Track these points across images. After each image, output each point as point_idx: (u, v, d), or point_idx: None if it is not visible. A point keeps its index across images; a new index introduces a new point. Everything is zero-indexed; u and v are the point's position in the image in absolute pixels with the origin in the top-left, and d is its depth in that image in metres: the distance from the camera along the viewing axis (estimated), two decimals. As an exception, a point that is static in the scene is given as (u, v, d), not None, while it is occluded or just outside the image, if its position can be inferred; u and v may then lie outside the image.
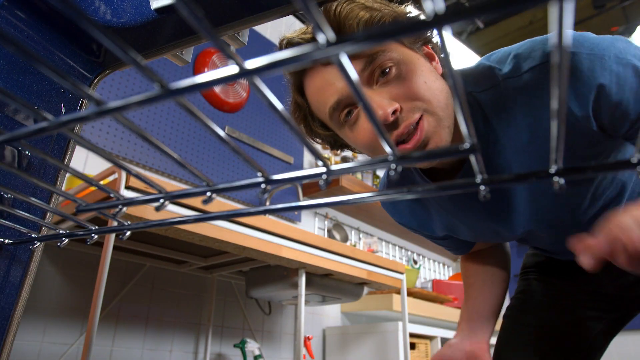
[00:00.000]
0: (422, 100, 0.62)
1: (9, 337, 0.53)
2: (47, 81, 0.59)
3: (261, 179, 0.28)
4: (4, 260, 0.53)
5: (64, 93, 0.61)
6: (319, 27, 0.16)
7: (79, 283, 1.63)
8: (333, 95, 0.65)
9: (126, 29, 0.57)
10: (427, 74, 0.65)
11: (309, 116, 0.74)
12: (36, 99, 0.57)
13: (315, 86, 0.68)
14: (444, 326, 2.86)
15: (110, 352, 1.67)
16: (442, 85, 0.67)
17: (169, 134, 2.06)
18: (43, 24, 0.58)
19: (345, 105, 0.66)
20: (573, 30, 0.63)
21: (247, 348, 1.94)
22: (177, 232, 1.27)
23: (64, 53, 0.61)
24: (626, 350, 3.19)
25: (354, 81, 0.18)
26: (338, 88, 0.65)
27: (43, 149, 0.58)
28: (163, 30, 0.57)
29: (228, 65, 2.23)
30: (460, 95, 0.20)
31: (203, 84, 0.18)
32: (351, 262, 1.86)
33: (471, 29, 3.97)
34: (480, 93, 0.69)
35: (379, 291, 2.50)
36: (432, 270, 3.71)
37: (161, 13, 0.54)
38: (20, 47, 0.17)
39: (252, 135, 2.45)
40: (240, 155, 0.25)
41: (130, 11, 0.57)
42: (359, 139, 0.68)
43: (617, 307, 0.92)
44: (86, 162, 1.76)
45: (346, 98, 0.65)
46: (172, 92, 0.18)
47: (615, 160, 0.23)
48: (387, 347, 2.27)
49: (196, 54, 2.28)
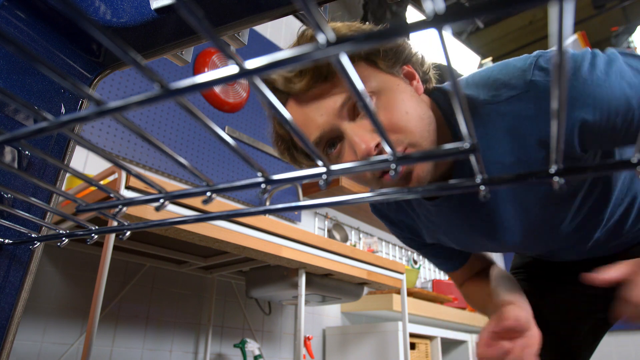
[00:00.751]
0: (405, 133, 0.62)
1: (9, 337, 0.53)
2: (47, 81, 0.59)
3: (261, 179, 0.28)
4: (4, 260, 0.53)
5: (64, 93, 0.61)
6: (319, 27, 0.16)
7: (79, 283, 1.63)
8: (316, 130, 0.65)
9: (126, 29, 0.57)
10: (408, 102, 0.64)
11: (292, 147, 0.75)
12: (36, 99, 0.57)
13: (296, 121, 0.67)
14: (444, 326, 2.86)
15: (110, 352, 1.67)
16: (424, 110, 0.66)
17: (169, 133, 2.06)
18: (43, 24, 0.58)
19: (327, 139, 0.66)
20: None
21: (247, 348, 1.94)
22: (177, 232, 1.27)
23: (64, 53, 0.61)
24: (626, 350, 3.19)
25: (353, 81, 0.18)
26: (319, 124, 0.64)
27: (43, 149, 0.58)
28: (163, 30, 0.57)
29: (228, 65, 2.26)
30: (460, 97, 0.20)
31: (203, 84, 0.18)
32: (351, 262, 1.86)
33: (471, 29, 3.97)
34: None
35: (379, 291, 2.50)
36: (432, 270, 3.71)
37: (161, 13, 0.54)
38: (20, 46, 0.17)
39: (252, 135, 2.45)
40: (239, 155, 0.25)
41: (130, 11, 0.57)
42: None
43: (604, 306, 0.92)
44: (86, 162, 1.76)
45: (328, 133, 0.65)
46: (172, 92, 0.18)
47: (616, 161, 0.23)
48: (387, 347, 2.27)
49: (196, 54, 2.28)
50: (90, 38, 0.61)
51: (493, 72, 0.66)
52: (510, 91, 0.63)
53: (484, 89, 0.66)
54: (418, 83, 0.69)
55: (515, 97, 0.62)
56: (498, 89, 0.64)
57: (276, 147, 0.77)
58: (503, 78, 0.64)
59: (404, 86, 0.66)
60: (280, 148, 0.76)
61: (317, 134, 0.65)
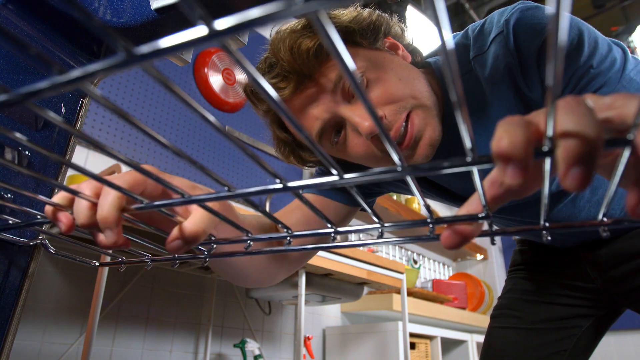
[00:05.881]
0: (405, 99, 0.62)
1: (9, 337, 0.52)
2: (47, 81, 0.59)
3: (331, 229, 0.35)
4: (4, 261, 0.53)
5: (64, 93, 0.61)
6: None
7: (79, 283, 1.63)
8: (315, 122, 0.65)
9: (126, 29, 0.57)
10: (399, 69, 0.65)
11: (297, 148, 0.74)
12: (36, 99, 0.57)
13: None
14: (444, 326, 2.86)
15: (110, 352, 1.67)
16: (417, 73, 0.67)
17: (169, 133, 2.06)
18: (43, 23, 0.58)
19: (331, 127, 0.66)
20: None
21: (247, 348, 1.94)
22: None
23: (64, 53, 0.61)
24: (626, 350, 3.20)
25: (332, 39, 0.16)
26: (317, 114, 0.64)
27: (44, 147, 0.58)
28: (163, 30, 0.57)
29: (228, 64, 2.20)
30: (459, 101, 0.20)
31: (169, 49, 0.16)
32: (351, 262, 1.85)
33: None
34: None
35: (379, 291, 2.50)
36: (432, 270, 3.71)
37: (161, 13, 0.54)
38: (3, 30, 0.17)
39: (252, 135, 2.45)
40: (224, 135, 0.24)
41: (130, 11, 0.57)
42: (354, 154, 0.68)
43: (605, 303, 0.92)
44: (86, 162, 1.76)
45: (329, 121, 0.65)
46: (138, 58, 0.17)
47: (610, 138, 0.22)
48: (387, 347, 2.27)
49: (196, 54, 2.28)
50: (90, 38, 0.61)
51: (486, 20, 0.69)
52: (490, 36, 0.65)
53: (474, 42, 0.68)
54: (404, 52, 0.70)
55: (494, 41, 0.64)
56: (484, 38, 0.66)
57: (280, 152, 0.77)
58: (487, 25, 0.67)
59: (391, 57, 0.67)
60: (284, 153, 0.76)
61: (319, 125, 0.65)
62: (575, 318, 0.92)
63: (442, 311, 2.73)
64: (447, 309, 2.80)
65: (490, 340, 0.97)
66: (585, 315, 0.92)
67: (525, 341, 0.92)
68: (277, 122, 0.73)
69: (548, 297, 0.94)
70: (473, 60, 0.67)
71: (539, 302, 0.95)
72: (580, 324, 0.92)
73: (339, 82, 0.63)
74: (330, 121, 0.65)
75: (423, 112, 0.63)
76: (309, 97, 0.64)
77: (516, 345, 0.93)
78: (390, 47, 0.69)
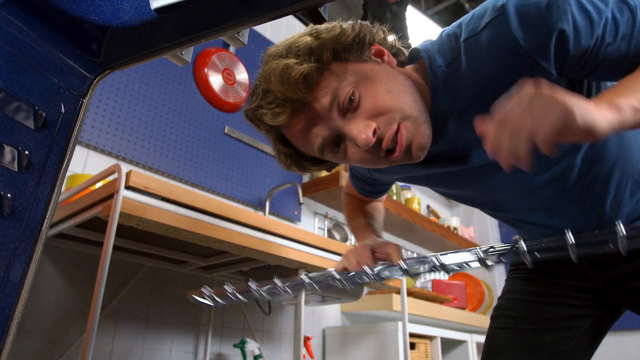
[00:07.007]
0: (393, 111, 0.66)
1: (9, 337, 0.53)
2: (47, 81, 0.59)
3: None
4: (4, 260, 0.53)
5: (64, 93, 0.61)
6: None
7: (79, 283, 1.63)
8: (316, 139, 0.70)
9: (126, 29, 0.57)
10: (387, 81, 0.68)
11: (300, 159, 0.80)
12: (36, 99, 0.57)
13: (296, 137, 0.73)
14: (444, 326, 2.86)
15: (110, 352, 1.67)
16: (404, 82, 0.69)
17: (169, 133, 2.06)
18: (43, 24, 0.58)
19: (330, 141, 0.71)
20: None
21: (247, 348, 1.94)
22: (177, 232, 1.27)
23: (64, 53, 0.61)
24: (626, 350, 3.20)
25: None
26: (315, 132, 0.70)
27: (43, 148, 0.58)
28: (163, 30, 0.57)
29: (228, 64, 2.21)
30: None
31: None
32: (351, 262, 1.85)
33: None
34: (447, 66, 0.71)
35: (379, 291, 2.50)
36: (432, 270, 3.70)
37: (161, 13, 0.54)
38: None
39: (252, 135, 2.45)
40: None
41: (130, 11, 0.57)
42: (353, 160, 0.73)
43: (604, 303, 0.92)
44: (86, 162, 1.76)
45: (328, 135, 0.70)
46: None
47: None
48: (387, 347, 2.28)
49: (196, 54, 2.28)
50: (90, 38, 0.61)
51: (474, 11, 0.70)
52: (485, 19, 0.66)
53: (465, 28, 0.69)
54: (389, 57, 0.73)
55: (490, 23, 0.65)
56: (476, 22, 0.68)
57: (282, 163, 0.82)
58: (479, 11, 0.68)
59: (378, 67, 0.70)
60: (286, 163, 0.81)
61: (319, 142, 0.70)
62: (574, 318, 0.92)
63: (442, 311, 2.73)
64: (447, 309, 2.80)
65: (491, 342, 0.97)
66: (585, 315, 0.92)
67: (525, 342, 0.92)
68: (280, 138, 0.78)
69: (547, 297, 0.94)
70: (464, 42, 0.68)
71: (539, 303, 0.95)
72: (580, 324, 0.92)
73: (333, 102, 0.67)
74: (329, 136, 0.70)
75: (411, 123, 0.67)
76: (306, 119, 0.69)
77: (516, 346, 0.93)
78: (376, 54, 0.73)
